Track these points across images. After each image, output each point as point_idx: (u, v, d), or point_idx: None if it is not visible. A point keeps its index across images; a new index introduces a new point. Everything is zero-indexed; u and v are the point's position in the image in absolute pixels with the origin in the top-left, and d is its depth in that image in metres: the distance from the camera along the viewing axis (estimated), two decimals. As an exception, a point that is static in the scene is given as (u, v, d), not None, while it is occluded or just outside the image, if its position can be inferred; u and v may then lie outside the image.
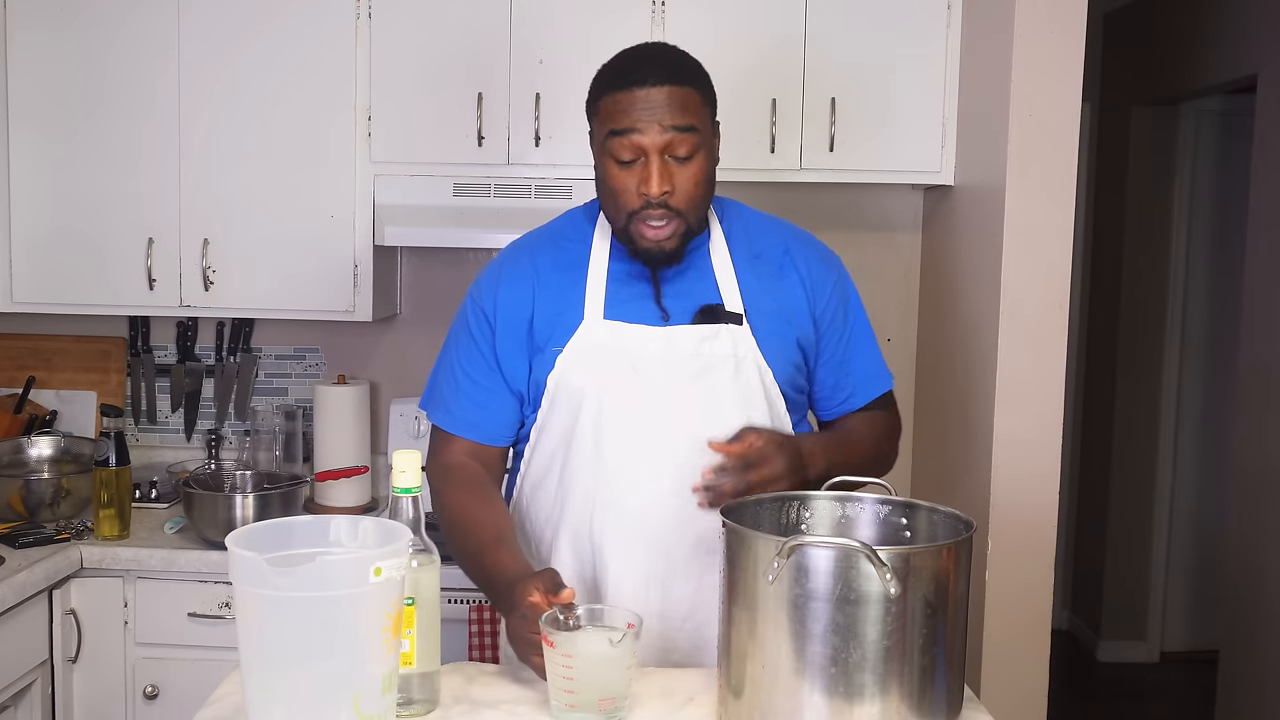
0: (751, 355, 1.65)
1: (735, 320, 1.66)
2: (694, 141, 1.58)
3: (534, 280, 1.70)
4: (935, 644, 1.25)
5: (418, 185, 2.66)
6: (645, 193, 1.57)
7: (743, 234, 1.74)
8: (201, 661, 2.44)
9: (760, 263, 1.72)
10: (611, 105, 1.59)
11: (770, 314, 1.69)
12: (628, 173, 1.59)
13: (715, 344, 1.64)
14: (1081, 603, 4.99)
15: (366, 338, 3.05)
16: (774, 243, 1.74)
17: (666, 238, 1.61)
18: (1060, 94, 2.33)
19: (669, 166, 1.58)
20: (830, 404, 1.78)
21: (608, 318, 1.65)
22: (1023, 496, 2.37)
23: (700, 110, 1.60)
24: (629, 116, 1.57)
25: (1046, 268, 2.36)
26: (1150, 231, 4.62)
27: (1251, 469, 3.49)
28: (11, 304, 2.74)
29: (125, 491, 2.53)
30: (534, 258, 1.74)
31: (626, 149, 1.58)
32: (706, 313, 1.66)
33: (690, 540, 1.63)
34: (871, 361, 1.79)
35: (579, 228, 1.75)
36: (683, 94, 1.58)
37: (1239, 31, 3.83)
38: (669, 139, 1.57)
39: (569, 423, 1.66)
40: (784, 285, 1.71)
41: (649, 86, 1.57)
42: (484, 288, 1.74)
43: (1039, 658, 2.41)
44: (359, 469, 2.75)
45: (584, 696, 1.32)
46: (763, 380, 1.66)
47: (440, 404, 1.75)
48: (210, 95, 2.67)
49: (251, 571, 1.14)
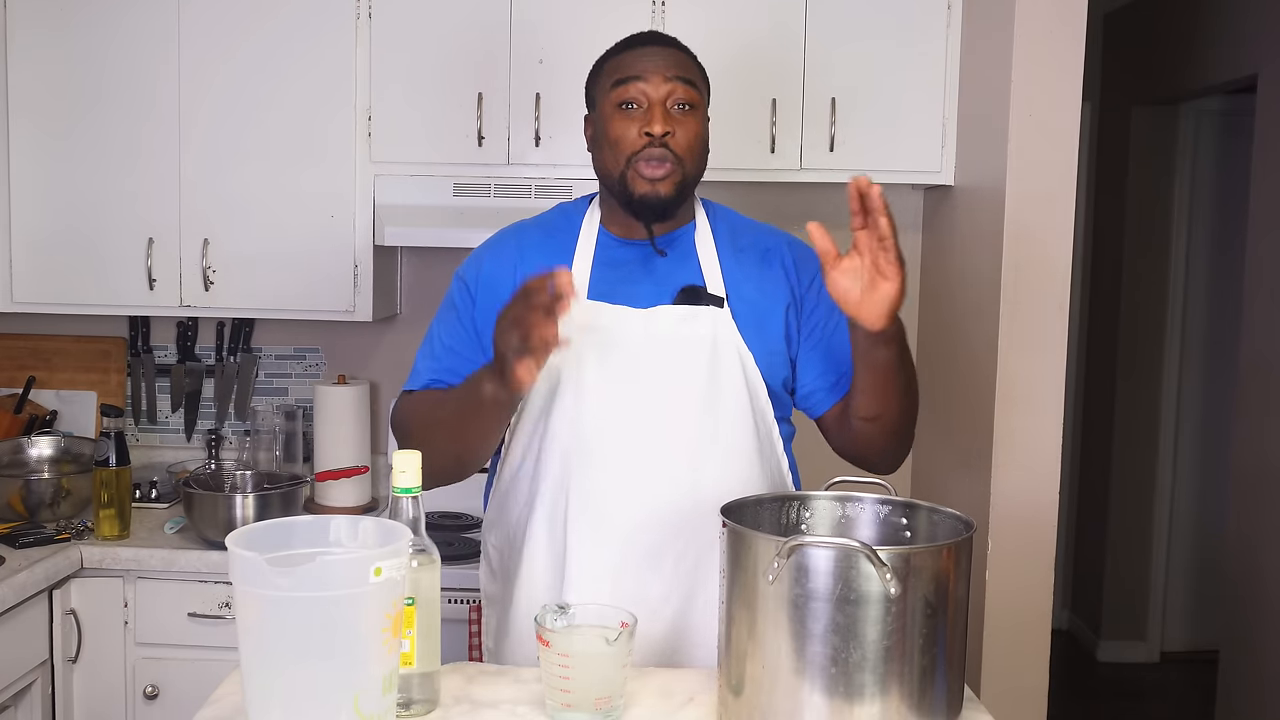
0: (731, 339, 1.66)
1: (717, 303, 1.67)
2: (694, 97, 1.65)
3: (517, 257, 1.72)
4: (935, 644, 1.25)
5: (418, 185, 2.66)
6: (648, 131, 1.61)
7: (728, 230, 1.76)
8: (201, 661, 2.44)
9: (744, 255, 1.73)
10: (616, 63, 1.67)
11: (752, 301, 1.70)
12: (629, 119, 1.64)
13: (695, 325, 1.65)
14: (1081, 603, 4.99)
15: (366, 338, 3.05)
16: (758, 238, 1.77)
17: (663, 178, 1.63)
18: (1060, 94, 2.33)
19: (671, 114, 1.63)
20: (821, 390, 1.74)
21: (590, 299, 1.66)
22: (1023, 496, 2.37)
23: (699, 78, 1.68)
24: (635, 67, 1.64)
25: (1046, 268, 2.36)
26: (1150, 232, 4.62)
27: (1251, 469, 3.49)
28: (11, 304, 2.74)
29: (125, 491, 2.53)
30: (519, 237, 1.76)
31: (632, 93, 1.63)
32: (688, 293, 1.67)
33: (662, 524, 1.62)
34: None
35: (568, 216, 1.78)
36: (685, 57, 1.68)
37: (1239, 31, 3.83)
38: (671, 87, 1.63)
39: (546, 401, 1.66)
40: (767, 275, 1.72)
41: (653, 46, 1.67)
42: (468, 262, 1.77)
43: (1039, 658, 2.41)
44: (359, 469, 2.75)
45: (580, 695, 1.32)
46: (743, 364, 1.66)
47: (414, 375, 1.74)
48: (210, 95, 2.67)
49: (251, 571, 1.14)
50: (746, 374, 1.67)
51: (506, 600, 1.72)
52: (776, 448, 1.72)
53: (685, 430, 1.64)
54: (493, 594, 1.77)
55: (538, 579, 1.67)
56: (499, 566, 1.76)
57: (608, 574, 1.63)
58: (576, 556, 1.63)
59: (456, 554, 2.50)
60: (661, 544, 1.63)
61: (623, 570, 1.63)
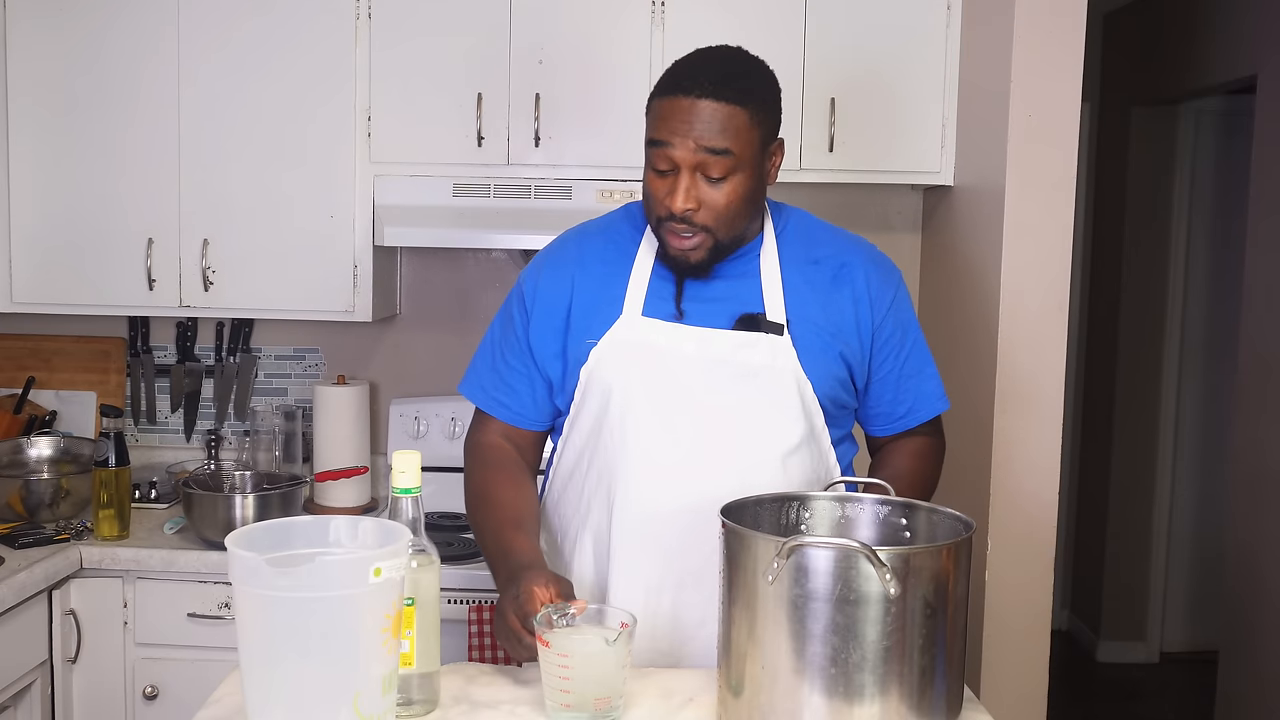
0: (790, 366, 1.61)
1: (776, 331, 1.62)
2: (728, 164, 1.55)
3: (576, 268, 1.70)
4: (935, 644, 1.25)
5: (417, 185, 2.66)
6: (670, 207, 1.56)
7: (800, 239, 1.70)
8: (201, 661, 2.44)
9: (815, 269, 1.67)
10: (656, 110, 1.58)
11: (817, 324, 1.65)
12: (662, 181, 1.58)
13: (753, 352, 1.61)
14: (1081, 603, 4.99)
15: (366, 338, 3.05)
16: (833, 251, 1.70)
17: (691, 249, 1.59)
18: (1060, 94, 2.33)
19: (699, 184, 1.56)
20: (884, 421, 1.74)
21: (646, 314, 1.64)
22: (1023, 497, 2.37)
23: (744, 132, 1.55)
24: (666, 127, 1.55)
25: (1046, 268, 2.36)
26: (1150, 232, 4.62)
27: (1251, 469, 3.48)
28: (11, 304, 2.74)
29: (125, 492, 2.53)
30: (580, 245, 1.73)
31: (662, 159, 1.56)
32: (746, 321, 1.63)
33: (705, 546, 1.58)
34: (929, 381, 1.74)
35: (633, 221, 1.73)
36: (727, 113, 1.53)
37: (1239, 31, 3.83)
38: (701, 159, 1.54)
39: (598, 417, 1.65)
40: (837, 296, 1.67)
41: (693, 97, 1.53)
42: (528, 272, 1.75)
43: (1039, 658, 2.41)
44: (359, 469, 2.75)
45: (579, 696, 1.32)
46: (800, 392, 1.62)
47: (475, 382, 1.76)
48: (210, 95, 2.67)
49: (251, 572, 1.14)
50: (804, 402, 1.63)
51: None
52: (834, 474, 1.70)
53: (736, 456, 1.61)
54: None
55: (588, 589, 1.68)
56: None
57: (648, 593, 1.63)
58: (619, 574, 1.63)
59: (456, 554, 2.50)
60: (702, 568, 1.57)
61: (663, 590, 1.63)
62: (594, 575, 1.67)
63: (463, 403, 2.02)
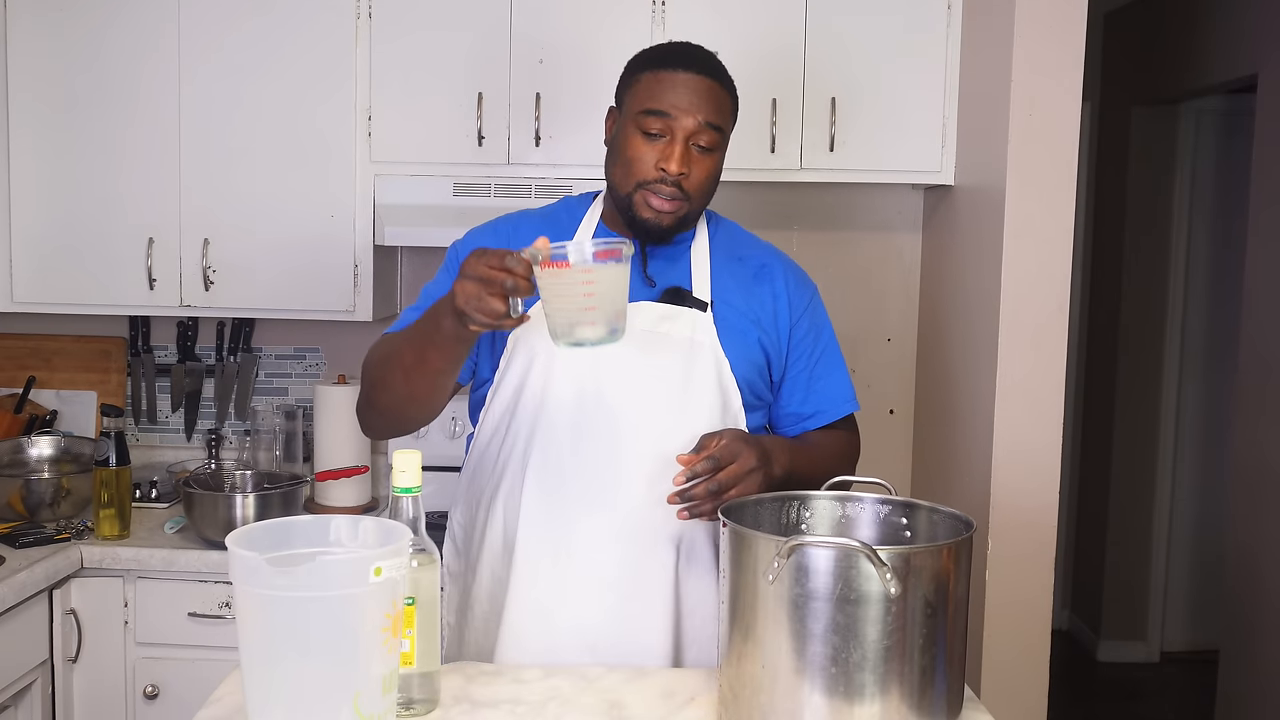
0: (710, 343, 1.67)
1: (700, 306, 1.69)
2: (717, 139, 1.65)
3: (512, 238, 1.72)
4: (935, 644, 1.25)
5: (418, 185, 2.66)
6: (664, 169, 1.61)
7: (728, 241, 1.79)
8: (201, 661, 2.44)
9: (740, 265, 1.76)
10: (653, 81, 1.64)
11: (738, 310, 1.71)
12: (650, 146, 1.63)
13: (674, 324, 1.67)
14: (1081, 603, 4.99)
15: (367, 338, 3.03)
16: (757, 254, 1.79)
17: (669, 212, 1.64)
18: (1060, 94, 2.33)
19: (691, 152, 1.63)
20: (793, 421, 1.78)
21: None
22: (1023, 497, 2.37)
23: (729, 115, 1.68)
24: (670, 97, 1.61)
25: (1046, 268, 2.36)
26: (1150, 232, 4.62)
27: (1251, 469, 3.49)
28: (12, 304, 2.74)
29: (125, 491, 2.53)
30: (517, 223, 1.77)
31: (657, 125, 1.62)
32: (672, 293, 1.69)
33: (615, 511, 1.63)
34: (839, 384, 1.79)
35: (571, 209, 1.80)
36: (720, 94, 1.65)
37: (1239, 31, 3.83)
38: (699, 130, 1.62)
39: (519, 383, 1.68)
40: (758, 290, 1.74)
41: (694, 73, 1.63)
42: (465, 238, 1.77)
43: (1039, 658, 2.41)
44: (359, 469, 2.75)
45: (603, 311, 1.35)
46: (718, 370, 1.68)
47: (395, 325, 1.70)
48: (210, 95, 2.67)
49: (251, 571, 1.14)
50: (721, 378, 1.68)
51: (469, 577, 1.74)
52: None
53: (652, 423, 1.65)
54: (455, 570, 1.79)
55: (498, 555, 1.69)
56: (462, 542, 1.78)
57: (555, 554, 1.64)
58: (525, 535, 1.65)
59: (456, 554, 2.50)
60: (613, 532, 1.63)
61: (572, 553, 1.64)
62: (503, 539, 1.69)
63: (462, 403, 2.02)
